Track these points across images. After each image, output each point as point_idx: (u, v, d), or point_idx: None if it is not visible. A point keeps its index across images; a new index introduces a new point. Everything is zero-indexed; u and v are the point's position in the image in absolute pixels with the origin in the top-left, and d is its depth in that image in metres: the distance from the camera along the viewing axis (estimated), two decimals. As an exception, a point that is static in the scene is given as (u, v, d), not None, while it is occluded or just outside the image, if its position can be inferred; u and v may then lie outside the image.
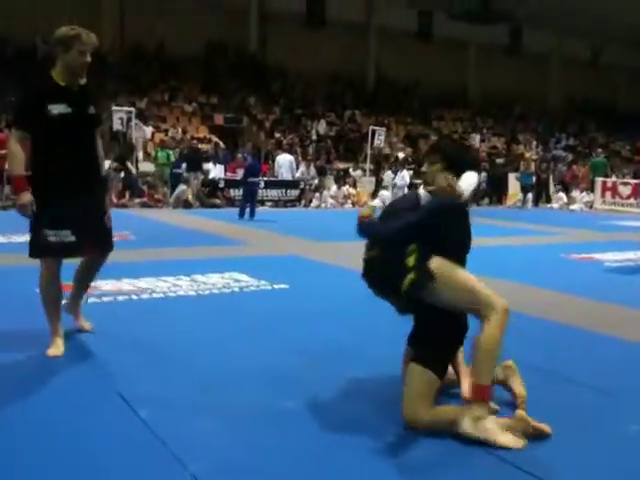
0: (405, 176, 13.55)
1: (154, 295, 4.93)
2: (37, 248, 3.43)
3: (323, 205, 16.10)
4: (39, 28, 19.95)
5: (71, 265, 3.72)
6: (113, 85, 20.91)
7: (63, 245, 3.40)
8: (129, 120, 15.67)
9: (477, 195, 2.43)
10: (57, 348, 3.44)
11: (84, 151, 3.48)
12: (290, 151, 17.70)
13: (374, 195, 17.33)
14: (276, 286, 5.41)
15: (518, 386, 2.88)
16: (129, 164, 14.90)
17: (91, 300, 4.68)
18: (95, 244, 3.61)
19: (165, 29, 22.84)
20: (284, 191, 16.17)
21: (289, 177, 16.28)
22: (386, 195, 16.40)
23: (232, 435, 2.52)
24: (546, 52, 31.12)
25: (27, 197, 3.32)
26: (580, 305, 5.15)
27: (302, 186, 16.42)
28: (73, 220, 3.40)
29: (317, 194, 16.53)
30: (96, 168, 3.58)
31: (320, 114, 23.99)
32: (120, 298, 4.80)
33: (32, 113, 3.33)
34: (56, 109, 3.32)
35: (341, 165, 19.32)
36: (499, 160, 19.43)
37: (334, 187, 16.86)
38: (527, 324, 4.43)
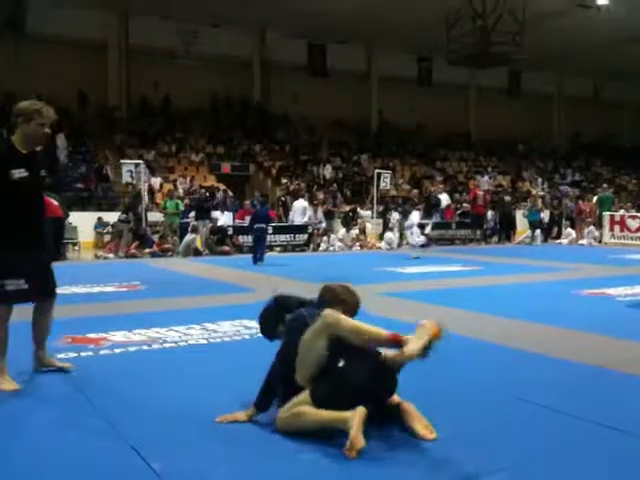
0: (414, 217, 13.63)
1: (165, 345, 4.92)
2: None
3: (331, 248, 16.14)
4: (47, 86, 20.52)
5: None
6: (121, 139, 21.35)
7: (19, 292, 3.77)
8: (138, 171, 15.90)
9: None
10: (11, 383, 3.73)
11: (36, 209, 3.92)
12: (298, 197, 17.88)
13: (382, 237, 17.38)
14: (287, 332, 5.39)
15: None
16: (131, 214, 14.93)
17: (102, 352, 4.69)
18: (43, 291, 3.98)
19: (170, 83, 23.41)
20: (292, 236, 16.27)
21: (298, 221, 16.43)
22: (390, 237, 16.43)
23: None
24: (547, 92, 31.60)
25: None
26: (593, 342, 5.09)
27: (310, 230, 16.51)
28: (26, 270, 3.78)
29: (325, 237, 16.59)
30: (41, 226, 3.97)
31: (325, 159, 24.29)
32: (131, 349, 4.79)
33: None
34: (17, 173, 3.70)
35: (348, 208, 19.47)
36: (507, 198, 19.51)
37: (342, 230, 16.94)
38: (539, 363, 4.39)
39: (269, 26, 24.66)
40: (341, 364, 2.97)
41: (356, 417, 2.76)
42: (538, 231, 18.17)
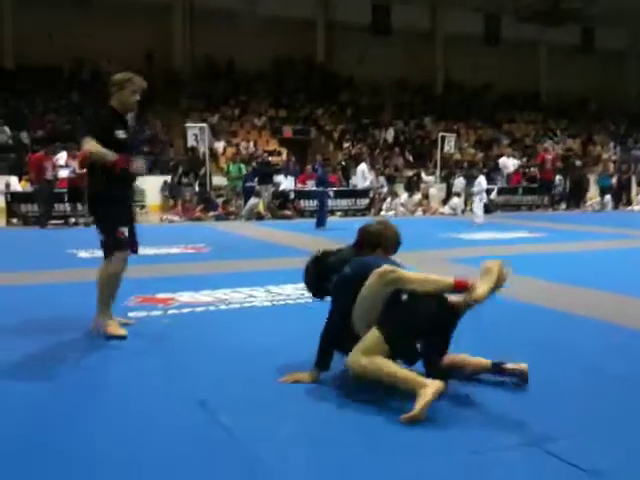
0: (482, 182, 13.29)
1: (231, 306, 5.04)
2: (119, 243, 4.06)
3: (392, 213, 16.00)
4: (113, 50, 20.95)
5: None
6: (186, 102, 21.63)
7: (127, 241, 4.12)
8: (202, 135, 16.11)
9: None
10: (119, 328, 4.05)
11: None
12: (360, 161, 17.75)
13: (445, 202, 17.12)
14: (349, 295, 5.42)
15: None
16: (191, 177, 15.06)
17: (171, 311, 4.83)
18: (135, 244, 4.29)
19: (234, 46, 23.44)
20: (354, 200, 16.22)
21: (362, 185, 16.35)
22: (455, 203, 16.15)
23: (317, 440, 2.55)
24: (620, 49, 30.00)
25: (141, 161, 4.12)
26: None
27: (371, 195, 16.41)
28: (128, 222, 4.17)
29: (388, 201, 16.45)
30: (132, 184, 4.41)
31: (388, 122, 23.94)
32: (198, 309, 4.93)
33: (104, 133, 3.98)
34: (121, 134, 4.07)
35: (410, 173, 19.22)
36: (577, 162, 18.75)
37: (404, 195, 16.75)
38: (611, 332, 4.27)
39: (332, -13, 24.27)
40: (404, 297, 2.96)
41: (430, 388, 2.72)
42: (608, 197, 17.47)
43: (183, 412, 2.84)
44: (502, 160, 18.98)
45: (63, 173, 12.72)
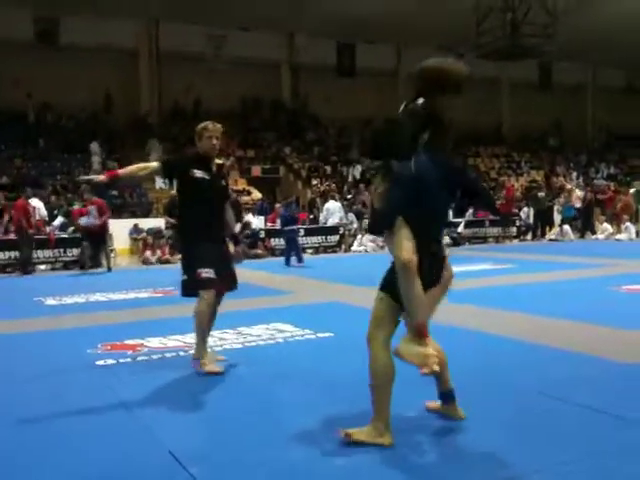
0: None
1: (201, 350, 4.98)
2: (194, 284, 4.28)
3: (362, 248, 16.07)
4: (79, 95, 20.97)
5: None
6: (153, 144, 21.64)
7: (210, 280, 4.27)
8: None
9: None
10: (215, 366, 4.27)
11: (217, 211, 4.51)
12: (332, 198, 17.87)
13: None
14: (320, 335, 5.43)
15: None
16: (169, 219, 14.99)
17: (140, 358, 4.76)
18: (225, 284, 4.46)
19: (201, 88, 23.65)
20: (324, 237, 16.29)
21: (332, 222, 16.47)
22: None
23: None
24: (580, 83, 31.05)
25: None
26: (634, 339, 5.00)
27: (341, 232, 16.52)
28: (214, 262, 4.29)
29: (359, 237, 16.54)
30: (222, 227, 4.58)
31: (355, 159, 24.26)
32: (168, 355, 4.87)
33: (179, 169, 4.46)
34: (198, 173, 4.40)
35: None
36: (540, 194, 19.15)
37: (373, 231, 16.87)
38: (576, 362, 4.33)
39: (298, 28, 24.71)
40: None
41: (378, 439, 2.85)
42: (567, 227, 17.78)
43: (152, 461, 2.79)
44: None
45: (84, 221, 12.32)
